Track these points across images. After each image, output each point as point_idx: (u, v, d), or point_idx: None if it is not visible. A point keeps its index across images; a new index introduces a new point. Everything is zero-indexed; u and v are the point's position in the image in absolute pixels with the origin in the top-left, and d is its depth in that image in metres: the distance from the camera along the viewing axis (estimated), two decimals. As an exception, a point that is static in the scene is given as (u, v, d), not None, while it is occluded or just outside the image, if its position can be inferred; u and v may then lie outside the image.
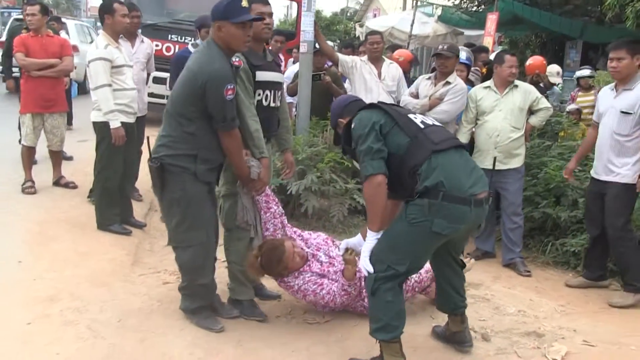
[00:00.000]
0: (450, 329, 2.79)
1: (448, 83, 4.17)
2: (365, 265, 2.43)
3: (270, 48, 3.92)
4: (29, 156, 4.96)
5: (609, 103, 3.62)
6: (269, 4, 3.00)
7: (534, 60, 6.42)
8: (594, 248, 3.78)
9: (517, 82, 4.14)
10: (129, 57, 4.66)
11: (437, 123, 2.61)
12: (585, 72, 6.53)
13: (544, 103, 4.16)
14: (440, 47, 4.27)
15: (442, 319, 3.11)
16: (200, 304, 2.88)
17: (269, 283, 3.26)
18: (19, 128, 5.31)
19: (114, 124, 3.94)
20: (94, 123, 4.05)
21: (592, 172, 3.75)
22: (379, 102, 2.70)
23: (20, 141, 5.15)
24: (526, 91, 4.12)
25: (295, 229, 3.20)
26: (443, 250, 2.55)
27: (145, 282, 3.37)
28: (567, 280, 3.90)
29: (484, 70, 5.10)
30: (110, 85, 3.95)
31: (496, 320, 3.14)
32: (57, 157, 5.11)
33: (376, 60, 4.81)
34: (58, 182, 5.07)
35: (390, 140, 2.39)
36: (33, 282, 3.18)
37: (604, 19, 10.34)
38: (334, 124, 2.77)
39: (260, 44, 3.00)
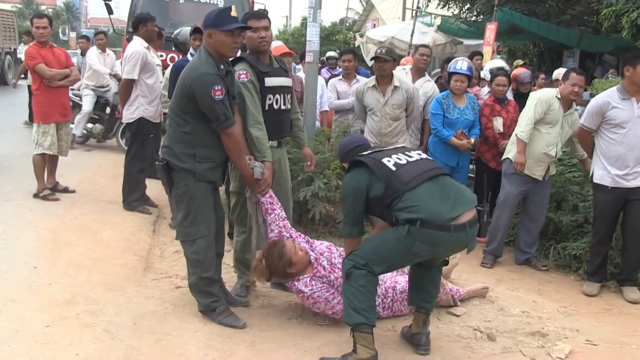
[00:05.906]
0: (412, 329, 2.87)
1: (397, 87, 4.29)
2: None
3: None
4: (45, 165, 5.00)
5: (631, 114, 3.62)
6: (264, 18, 3.16)
7: (517, 71, 6.49)
8: (603, 252, 3.83)
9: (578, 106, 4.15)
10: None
11: (414, 157, 2.69)
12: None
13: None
14: (378, 50, 4.29)
15: (449, 320, 3.21)
16: (212, 299, 2.99)
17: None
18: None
19: None
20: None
21: (609, 182, 3.68)
22: (369, 151, 2.78)
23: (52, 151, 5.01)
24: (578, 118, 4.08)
25: (299, 232, 3.29)
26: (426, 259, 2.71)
27: (158, 287, 3.45)
28: (585, 290, 3.82)
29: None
30: None
31: (501, 320, 3.24)
32: (56, 163, 5.17)
33: (419, 73, 5.03)
34: (55, 188, 5.10)
35: (372, 189, 2.61)
36: (49, 287, 3.26)
37: (600, 29, 10.51)
38: (340, 161, 3.11)
39: (265, 54, 3.21)
